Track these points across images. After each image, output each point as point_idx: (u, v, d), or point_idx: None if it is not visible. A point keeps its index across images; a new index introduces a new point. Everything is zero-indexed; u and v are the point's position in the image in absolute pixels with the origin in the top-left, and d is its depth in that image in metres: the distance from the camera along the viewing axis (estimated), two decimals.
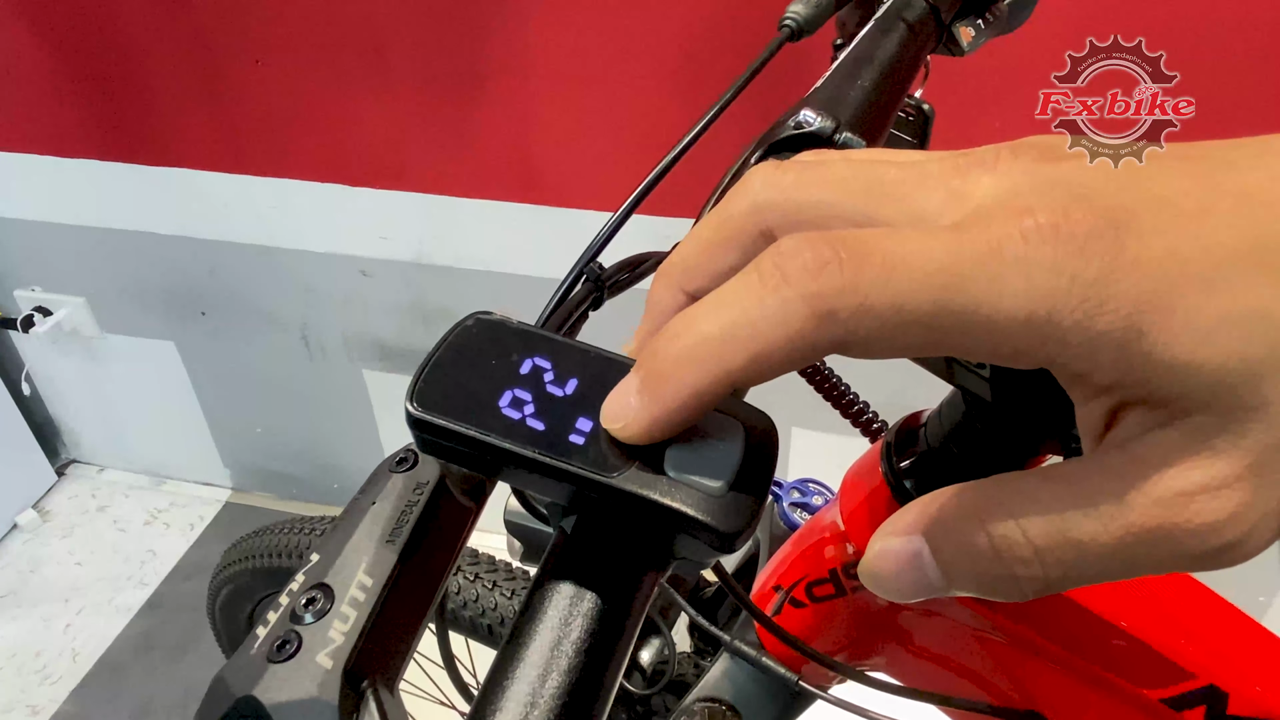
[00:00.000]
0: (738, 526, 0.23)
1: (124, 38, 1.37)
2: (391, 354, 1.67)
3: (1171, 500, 0.20)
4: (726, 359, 0.22)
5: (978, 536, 0.22)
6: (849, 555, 0.49)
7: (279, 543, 0.94)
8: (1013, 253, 0.20)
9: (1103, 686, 0.47)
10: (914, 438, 0.45)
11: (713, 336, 0.22)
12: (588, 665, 0.24)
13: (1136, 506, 0.20)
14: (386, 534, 0.26)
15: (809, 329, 0.21)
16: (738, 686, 0.58)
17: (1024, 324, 0.20)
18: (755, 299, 0.21)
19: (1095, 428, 0.22)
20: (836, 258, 0.21)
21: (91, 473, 2.11)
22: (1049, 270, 0.20)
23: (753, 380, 0.22)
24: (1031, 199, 0.21)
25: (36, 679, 1.66)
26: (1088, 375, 0.21)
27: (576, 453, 0.24)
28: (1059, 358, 0.20)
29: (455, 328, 0.27)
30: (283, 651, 0.24)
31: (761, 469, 0.25)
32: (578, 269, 0.40)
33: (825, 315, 0.21)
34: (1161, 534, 0.20)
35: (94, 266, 1.72)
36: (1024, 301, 0.20)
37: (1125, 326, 0.19)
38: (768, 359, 0.21)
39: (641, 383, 0.24)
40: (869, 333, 0.21)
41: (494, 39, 1.24)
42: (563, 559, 0.26)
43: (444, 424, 0.25)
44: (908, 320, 0.20)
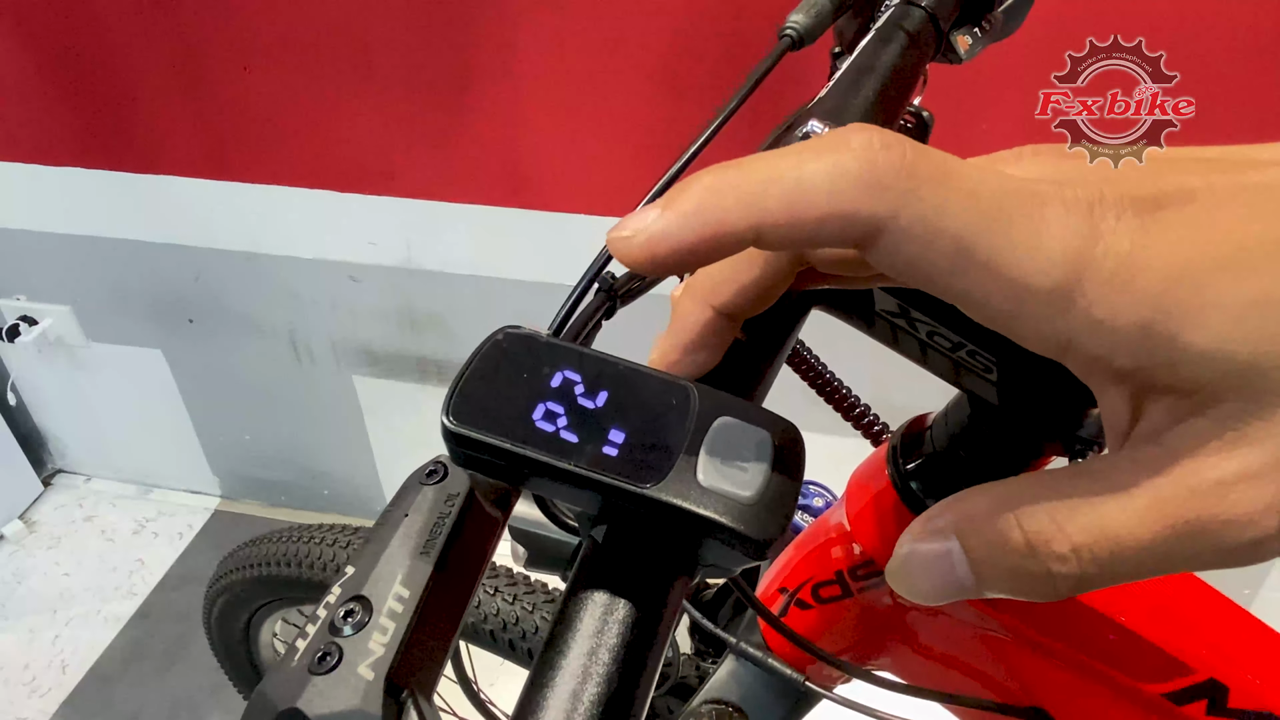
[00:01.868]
0: (771, 534, 0.24)
1: (108, 44, 1.36)
2: (380, 360, 1.67)
3: (1208, 491, 0.19)
4: (764, 203, 0.21)
5: (1011, 533, 0.21)
6: (855, 556, 0.50)
7: (275, 551, 0.94)
8: (1055, 215, 0.20)
9: (1105, 682, 0.48)
10: (920, 440, 0.46)
11: (759, 178, 0.21)
12: (624, 674, 0.24)
13: (1173, 499, 0.20)
14: (420, 546, 0.27)
15: (856, 197, 0.20)
16: (744, 688, 0.58)
17: (1050, 289, 0.20)
18: (813, 156, 0.21)
19: (1120, 421, 0.22)
20: (902, 146, 0.21)
21: (78, 482, 2.09)
22: (1085, 238, 0.20)
23: (780, 241, 0.22)
24: (1071, 177, 0.21)
25: (25, 691, 1.65)
26: (1107, 359, 0.20)
27: (611, 464, 0.25)
28: (1079, 336, 0.20)
29: (486, 343, 0.27)
30: (324, 664, 0.24)
31: (790, 475, 0.25)
32: (588, 278, 0.40)
33: (878, 187, 0.20)
34: (1199, 526, 0.20)
35: (79, 275, 1.70)
36: (1058, 261, 0.20)
37: (1153, 306, 0.19)
38: (804, 218, 0.21)
39: (667, 200, 0.22)
40: (908, 225, 0.20)
41: (481, 43, 1.24)
42: (595, 568, 0.26)
43: (481, 438, 0.25)
44: (946, 231, 0.20)
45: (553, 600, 0.82)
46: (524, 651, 0.80)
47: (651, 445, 0.25)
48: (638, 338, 0.47)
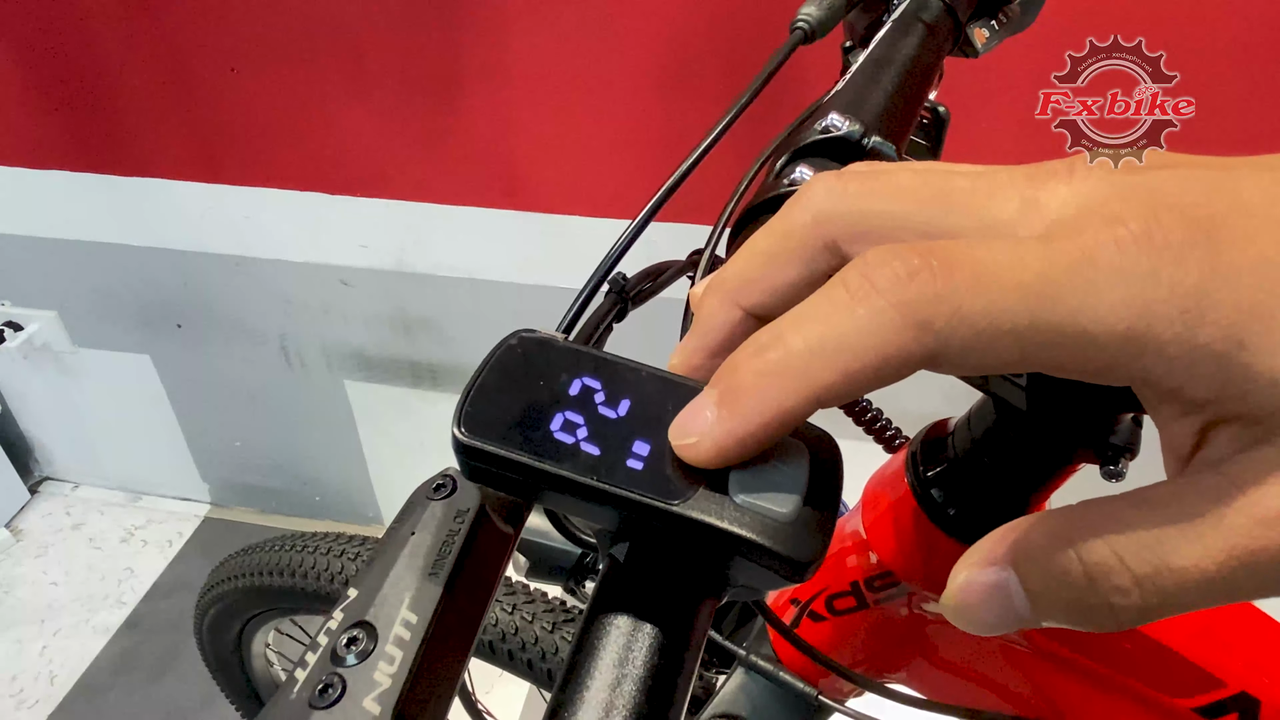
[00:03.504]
0: (812, 554, 0.22)
1: (95, 45, 1.34)
2: (372, 364, 1.65)
3: (1275, 520, 0.19)
4: (815, 375, 0.21)
5: (1071, 565, 0.21)
6: (872, 566, 0.48)
7: (268, 561, 0.92)
8: (1108, 262, 0.19)
9: (1132, 696, 0.46)
10: (941, 446, 0.44)
11: (801, 351, 0.21)
12: (652, 706, 0.23)
13: (1239, 529, 0.19)
14: (429, 566, 0.25)
15: (903, 340, 0.20)
16: (755, 702, 0.57)
17: (1123, 337, 0.19)
18: (845, 311, 0.21)
19: (1183, 447, 0.21)
20: (928, 266, 0.20)
21: (65, 490, 2.06)
22: (1147, 279, 0.19)
23: (841, 398, 0.21)
24: (1118, 207, 0.20)
25: (12, 704, 1.62)
26: (1181, 390, 0.20)
27: (636, 478, 0.23)
28: (1155, 372, 0.20)
29: (499, 347, 0.25)
30: (325, 697, 0.22)
31: (829, 490, 0.24)
32: (597, 280, 0.39)
33: (919, 325, 0.20)
34: (1266, 556, 0.19)
35: (66, 280, 1.68)
36: (1123, 313, 0.19)
37: (1225, 338, 0.19)
38: (859, 374, 0.21)
39: (720, 398, 0.22)
40: (963, 343, 0.20)
41: (473, 44, 1.22)
42: (617, 589, 0.25)
43: (496, 451, 0.23)
44: (1002, 331, 0.20)
45: (553, 610, 0.80)
46: (523, 663, 0.78)
47: (679, 458, 0.24)
48: (637, 338, 0.45)
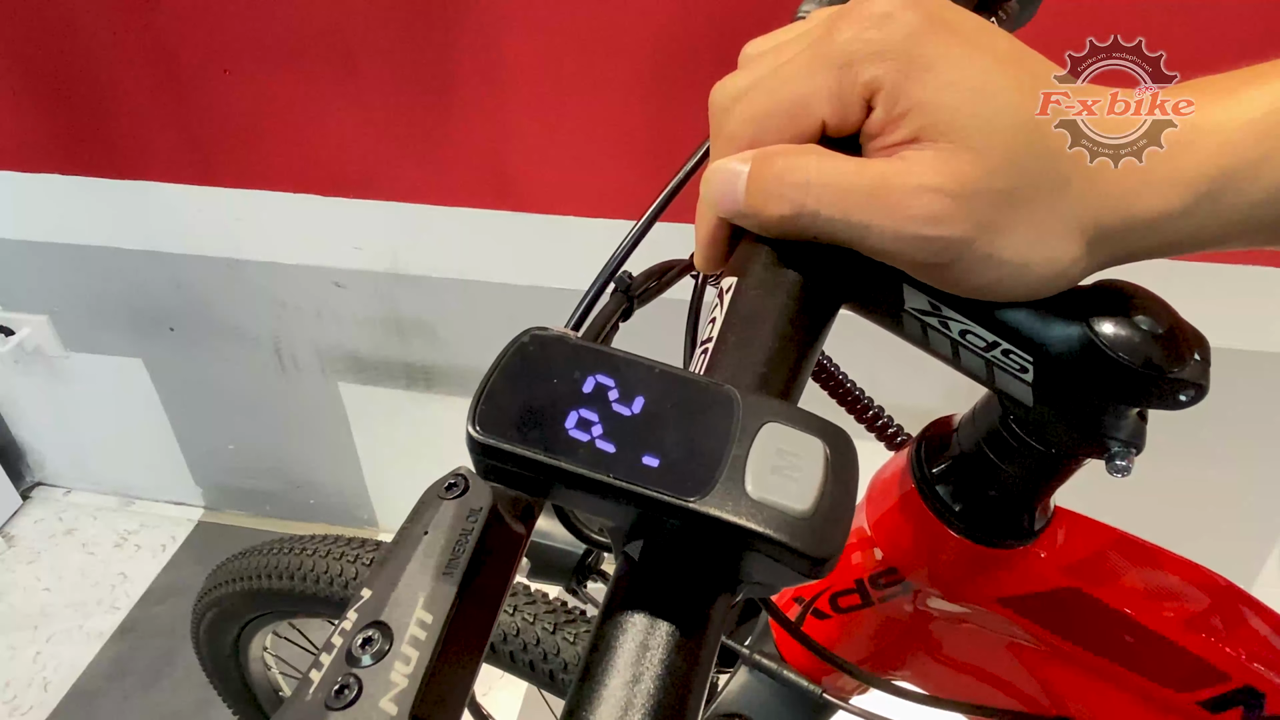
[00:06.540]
0: (830, 550, 0.22)
1: (85, 47, 1.33)
2: (366, 366, 1.64)
3: (913, 189, 0.29)
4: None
5: (776, 161, 0.30)
6: (876, 563, 0.48)
7: (266, 564, 0.91)
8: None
9: (1136, 690, 0.46)
10: (945, 443, 0.44)
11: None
12: (670, 703, 0.23)
13: (889, 175, 0.29)
14: (443, 566, 0.25)
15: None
16: (758, 700, 0.57)
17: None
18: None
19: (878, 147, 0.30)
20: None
21: (58, 495, 2.05)
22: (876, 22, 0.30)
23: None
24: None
25: (6, 710, 1.61)
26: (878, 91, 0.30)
27: (652, 475, 0.23)
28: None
29: (511, 346, 0.25)
30: (341, 698, 0.22)
31: (846, 486, 0.24)
32: (603, 279, 0.39)
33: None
34: (894, 198, 0.29)
35: (57, 283, 1.67)
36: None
37: (904, 67, 0.29)
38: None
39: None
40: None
41: (466, 44, 1.22)
42: (633, 587, 0.25)
43: (511, 449, 0.23)
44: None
45: (554, 611, 0.80)
46: (525, 664, 0.78)
47: (694, 454, 0.24)
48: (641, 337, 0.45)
